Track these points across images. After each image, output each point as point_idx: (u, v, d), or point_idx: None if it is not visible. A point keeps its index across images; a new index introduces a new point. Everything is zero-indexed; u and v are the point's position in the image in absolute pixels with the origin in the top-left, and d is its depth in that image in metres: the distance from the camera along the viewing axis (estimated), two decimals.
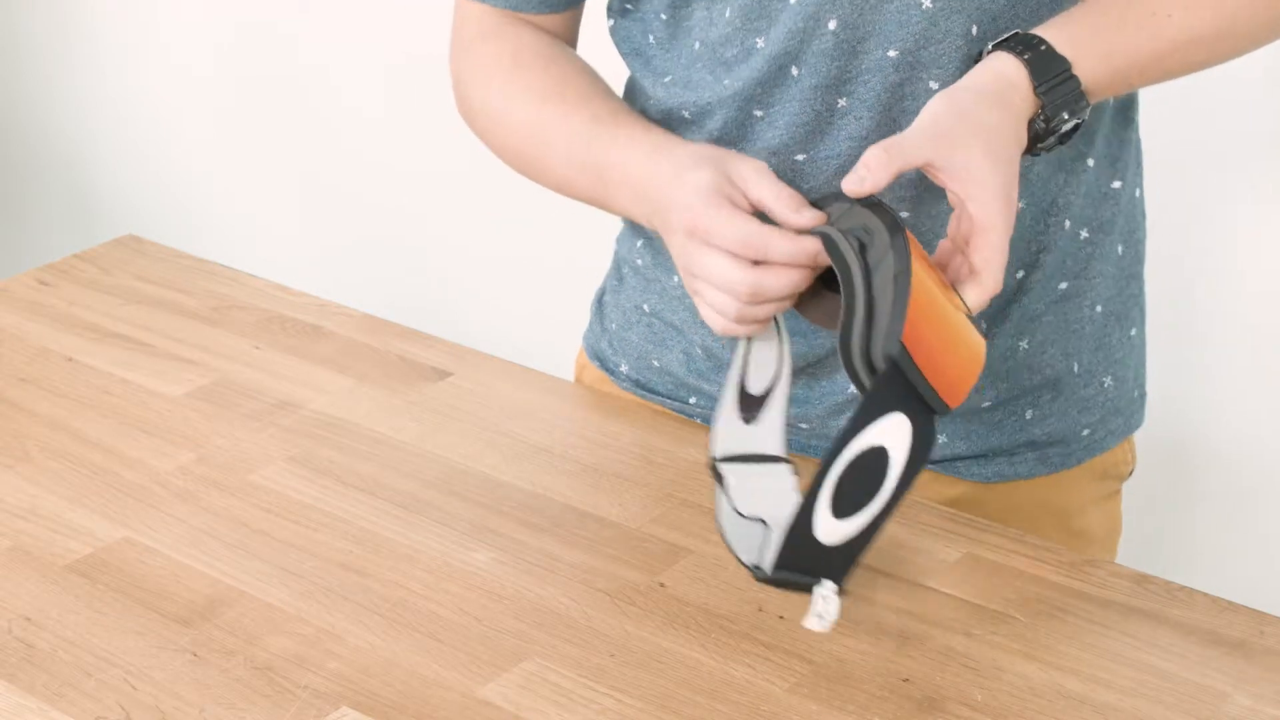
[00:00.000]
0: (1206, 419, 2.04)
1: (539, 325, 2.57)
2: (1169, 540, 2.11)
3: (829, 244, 1.07)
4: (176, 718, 1.07)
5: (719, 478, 1.16)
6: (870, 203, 1.08)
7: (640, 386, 1.40)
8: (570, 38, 1.35)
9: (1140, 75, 1.16)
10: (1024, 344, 1.28)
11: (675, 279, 1.32)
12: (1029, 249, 1.25)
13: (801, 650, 1.12)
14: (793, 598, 1.17)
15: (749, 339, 1.15)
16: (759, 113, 1.22)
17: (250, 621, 1.15)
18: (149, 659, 1.12)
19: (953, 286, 1.09)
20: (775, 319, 1.15)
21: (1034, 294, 1.27)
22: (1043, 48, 1.12)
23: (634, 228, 1.36)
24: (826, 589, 1.09)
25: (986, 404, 1.30)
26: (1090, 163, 1.25)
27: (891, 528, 1.24)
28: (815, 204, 1.11)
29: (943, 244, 1.12)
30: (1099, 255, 1.28)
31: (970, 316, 1.09)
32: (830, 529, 1.07)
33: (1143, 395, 1.38)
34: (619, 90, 1.32)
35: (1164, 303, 1.53)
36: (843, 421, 1.30)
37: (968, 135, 1.08)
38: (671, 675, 1.10)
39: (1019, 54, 1.12)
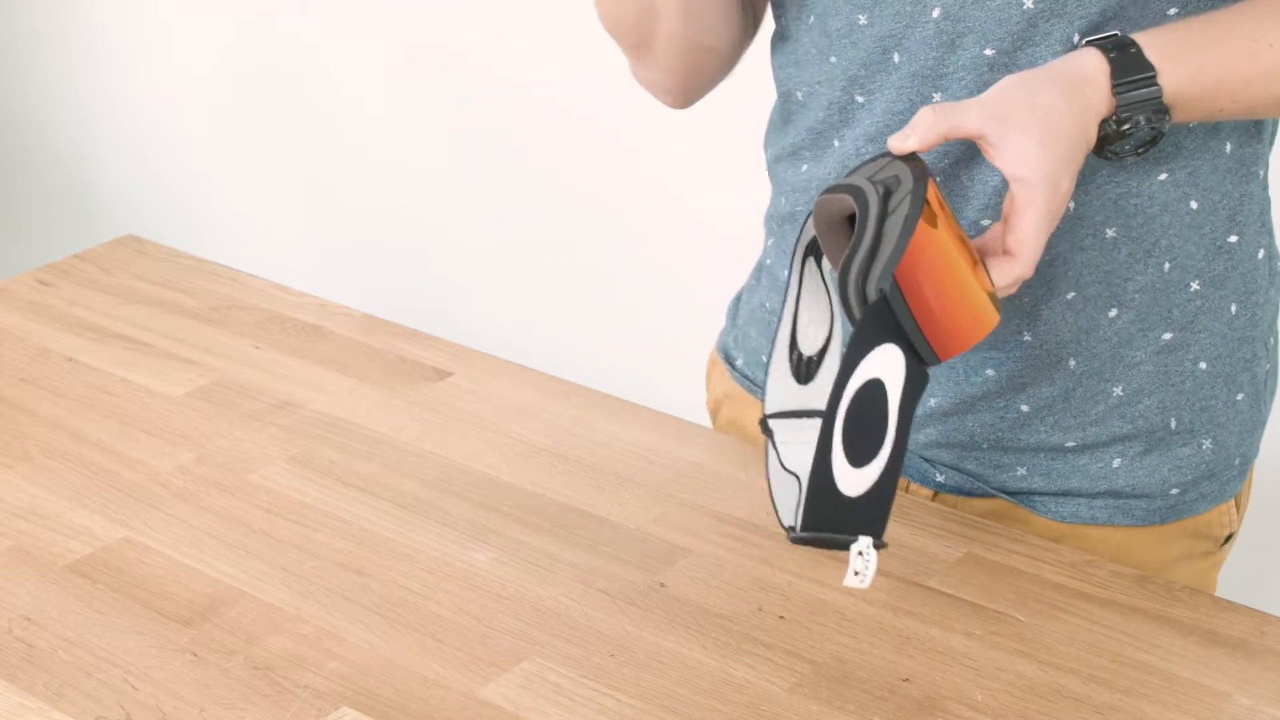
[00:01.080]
0: None
1: (539, 325, 2.57)
2: None
3: (854, 191, 1.08)
4: (176, 718, 1.07)
5: (769, 433, 1.16)
6: (909, 158, 1.09)
7: (749, 380, 1.40)
8: None
9: (1230, 100, 1.14)
10: (1118, 390, 1.24)
11: (785, 275, 1.33)
12: (1125, 287, 1.21)
13: (801, 650, 1.12)
14: (793, 597, 1.17)
15: (797, 299, 1.16)
16: (860, 98, 1.22)
17: (250, 621, 1.15)
18: (149, 659, 1.12)
19: (983, 262, 1.09)
20: (823, 278, 1.16)
21: (1134, 342, 1.23)
22: (1132, 50, 1.11)
23: (768, 228, 1.36)
24: (862, 544, 1.07)
25: (1071, 444, 1.26)
26: (1193, 204, 1.20)
27: (892, 528, 1.24)
28: (868, 160, 1.13)
29: (994, 226, 1.12)
30: (1208, 310, 1.24)
31: (993, 296, 1.08)
32: (852, 479, 1.06)
33: (1245, 464, 1.32)
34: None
35: None
36: (924, 434, 1.28)
37: (1027, 116, 1.07)
38: (671, 675, 1.10)
39: (1106, 51, 1.11)
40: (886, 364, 1.05)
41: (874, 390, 1.05)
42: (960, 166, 1.19)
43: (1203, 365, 1.25)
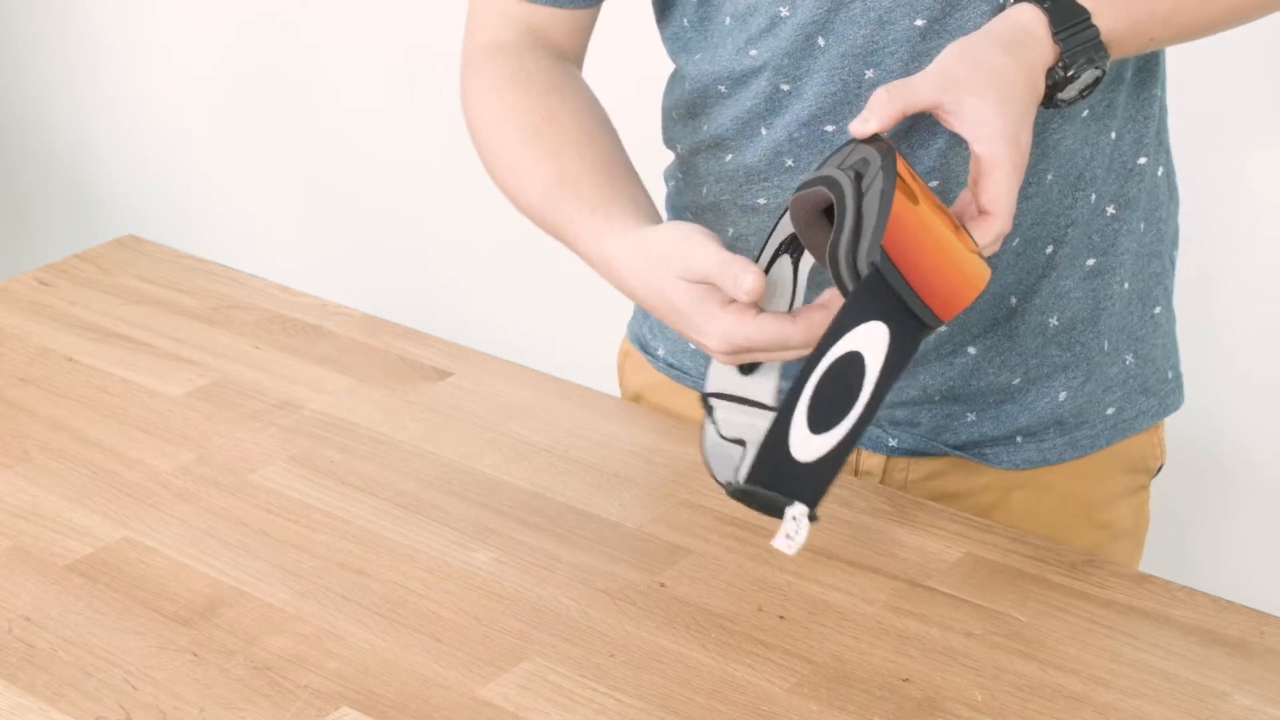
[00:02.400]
0: (1208, 416, 2.04)
1: (539, 325, 2.57)
2: (1175, 539, 2.11)
3: (829, 181, 1.08)
4: (176, 718, 1.07)
5: (709, 409, 1.16)
6: (872, 139, 1.09)
7: (674, 369, 1.41)
8: (584, 38, 1.35)
9: (1162, 27, 1.17)
10: (1054, 320, 1.29)
11: None
12: (1059, 223, 1.26)
13: (801, 650, 1.12)
14: (793, 597, 1.17)
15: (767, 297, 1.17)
16: (785, 86, 1.23)
17: (250, 621, 1.15)
18: (149, 659, 1.12)
19: (963, 225, 1.09)
20: (794, 270, 1.16)
21: (1062, 269, 1.28)
22: None
23: (675, 217, 1.38)
24: (798, 510, 1.07)
25: (1017, 381, 1.31)
26: (1113, 135, 1.26)
27: (891, 527, 1.25)
28: (835, 151, 1.13)
29: (963, 193, 1.13)
30: (1124, 232, 1.29)
31: (979, 254, 1.09)
32: (807, 444, 1.06)
33: (1178, 378, 1.38)
34: (660, 87, 1.35)
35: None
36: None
37: (978, 80, 1.09)
38: (671, 675, 1.10)
39: (1039, 2, 1.13)
40: (870, 340, 1.05)
41: (852, 362, 1.05)
42: (900, 139, 1.21)
43: (1126, 285, 1.31)
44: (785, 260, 1.17)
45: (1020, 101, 1.10)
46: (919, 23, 1.18)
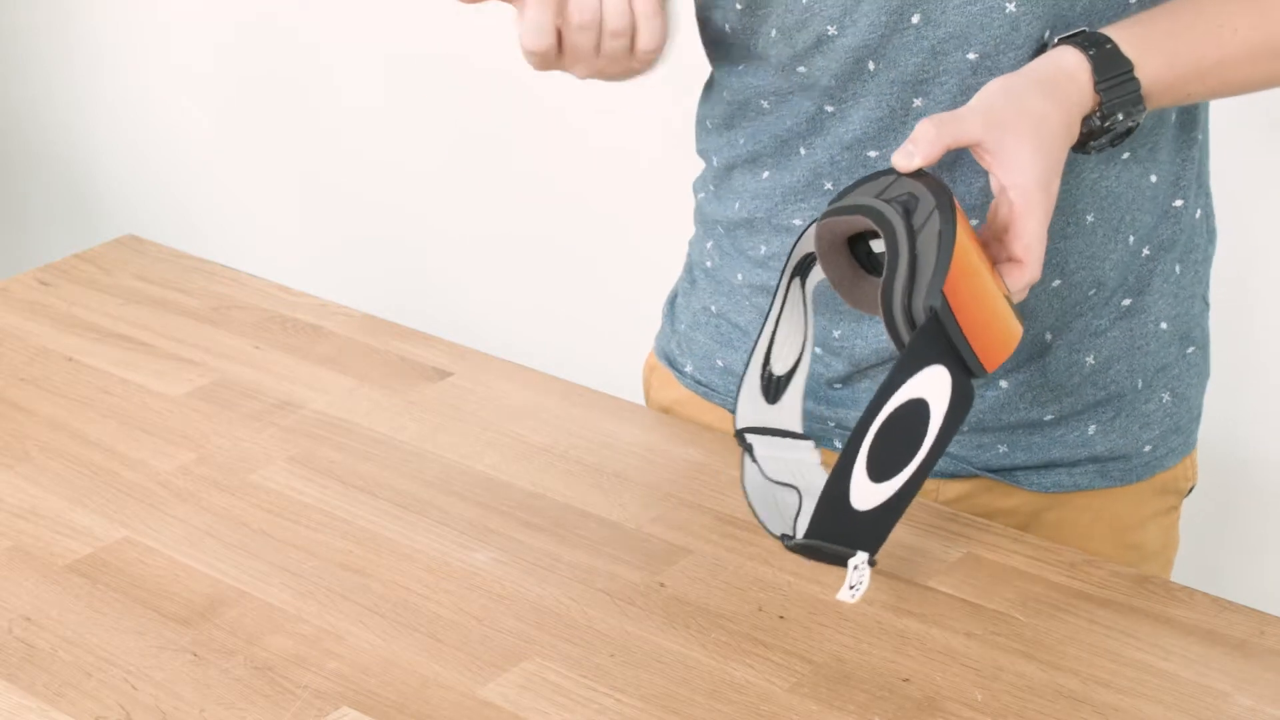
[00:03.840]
0: (1208, 417, 2.04)
1: (539, 324, 2.57)
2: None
3: (872, 213, 1.07)
4: (176, 718, 1.07)
5: (747, 447, 1.16)
6: (918, 174, 1.08)
7: (702, 385, 1.40)
8: None
9: (1200, 84, 1.17)
10: (1090, 360, 1.28)
11: (740, 276, 1.33)
12: (1101, 266, 1.25)
13: (801, 650, 1.12)
14: (793, 597, 1.17)
15: (778, 318, 1.16)
16: (830, 108, 1.22)
17: (250, 621, 1.15)
18: (149, 659, 1.12)
19: (995, 269, 1.09)
20: (803, 290, 1.16)
21: (1097, 310, 1.26)
22: (1108, 46, 1.13)
23: (705, 231, 1.37)
24: (860, 559, 1.07)
25: (1049, 417, 1.29)
26: (1153, 179, 1.25)
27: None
28: (868, 179, 1.12)
29: (982, 230, 1.12)
30: (1158, 273, 1.28)
31: (1010, 301, 1.09)
32: (867, 493, 1.06)
33: (1198, 415, 1.37)
34: (698, 91, 1.34)
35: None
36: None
37: (1019, 121, 1.09)
38: (671, 675, 1.10)
39: (1084, 49, 1.13)
40: (933, 384, 1.05)
41: (915, 409, 1.05)
42: (943, 172, 1.20)
43: (1163, 325, 1.30)
44: (796, 282, 1.16)
45: (1057, 149, 1.10)
46: (971, 56, 1.17)
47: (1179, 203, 1.27)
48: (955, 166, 1.20)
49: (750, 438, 1.17)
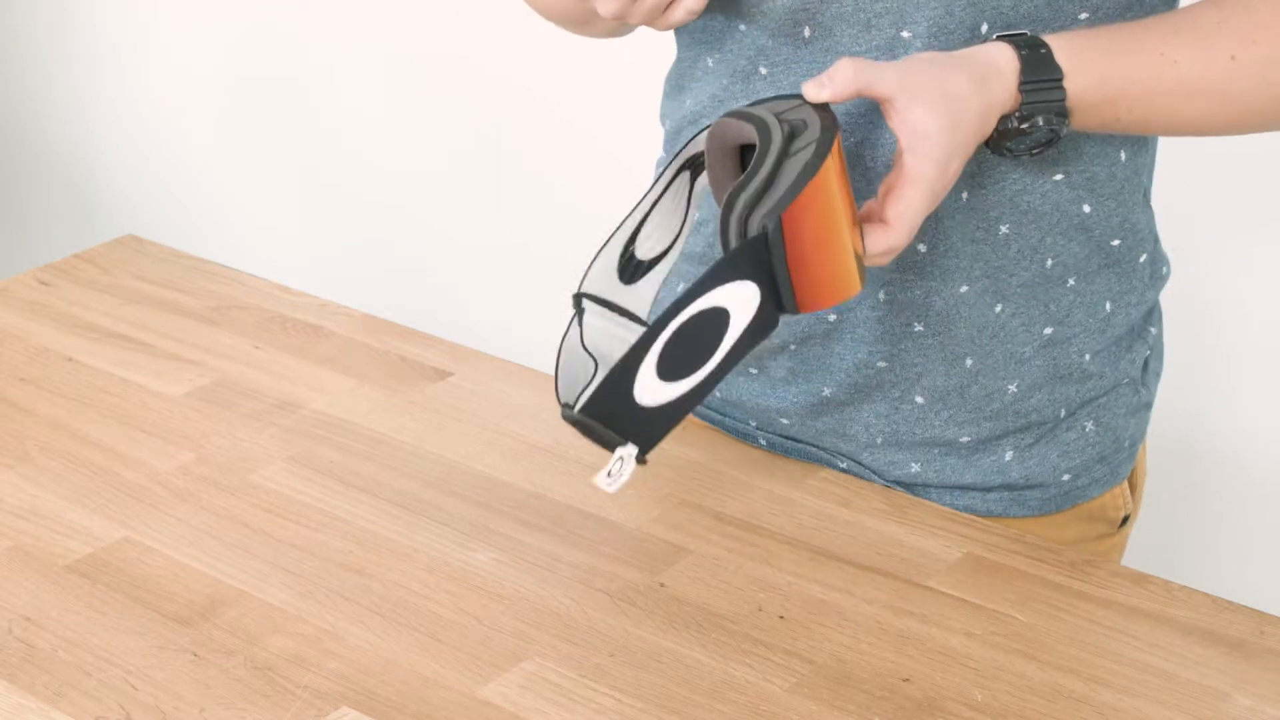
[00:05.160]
0: (1207, 419, 2.04)
1: (539, 325, 2.57)
2: (1169, 538, 2.11)
3: (760, 125, 1.08)
4: (176, 718, 1.07)
5: (580, 310, 1.16)
6: (820, 107, 1.09)
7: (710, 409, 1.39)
8: None
9: (1129, 112, 1.15)
10: (1012, 387, 1.26)
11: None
12: (1009, 282, 1.23)
13: (801, 650, 1.12)
14: (793, 597, 1.17)
15: (655, 203, 1.16)
16: (764, 69, 1.22)
17: (250, 621, 1.15)
18: (149, 659, 1.12)
19: (860, 226, 1.09)
20: (690, 188, 1.16)
21: (1020, 337, 1.25)
22: (1042, 50, 1.12)
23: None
24: (627, 451, 1.06)
25: (966, 439, 1.28)
26: (1087, 209, 1.23)
27: (891, 527, 1.24)
28: (778, 97, 1.13)
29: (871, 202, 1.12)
30: (1081, 305, 1.26)
31: (859, 258, 1.08)
32: (653, 389, 1.04)
33: (1134, 446, 1.34)
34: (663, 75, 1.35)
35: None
36: (821, 422, 1.30)
37: (934, 93, 1.08)
38: (671, 675, 1.10)
39: (1018, 48, 1.12)
40: (740, 300, 1.04)
41: (717, 318, 1.04)
42: (861, 118, 1.20)
43: (1087, 357, 1.28)
44: (685, 176, 1.17)
45: (965, 133, 1.09)
46: (905, 34, 1.16)
47: (1116, 243, 1.25)
48: (874, 114, 1.19)
49: (587, 303, 1.16)
